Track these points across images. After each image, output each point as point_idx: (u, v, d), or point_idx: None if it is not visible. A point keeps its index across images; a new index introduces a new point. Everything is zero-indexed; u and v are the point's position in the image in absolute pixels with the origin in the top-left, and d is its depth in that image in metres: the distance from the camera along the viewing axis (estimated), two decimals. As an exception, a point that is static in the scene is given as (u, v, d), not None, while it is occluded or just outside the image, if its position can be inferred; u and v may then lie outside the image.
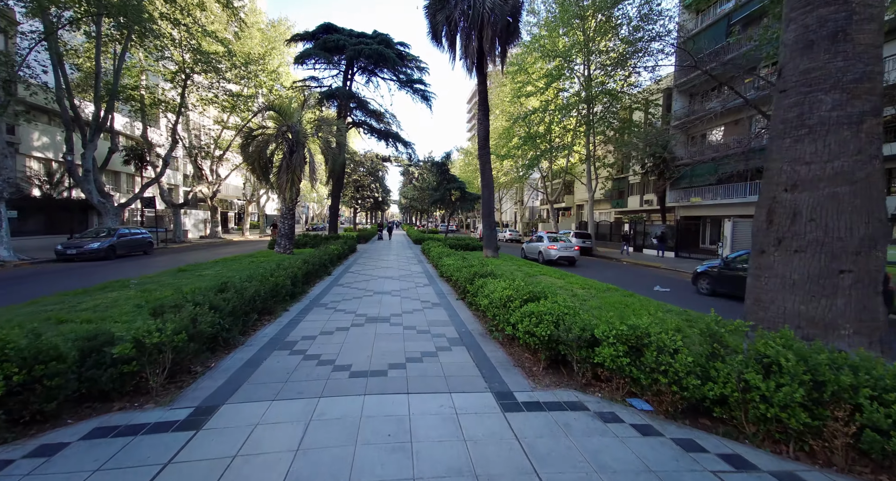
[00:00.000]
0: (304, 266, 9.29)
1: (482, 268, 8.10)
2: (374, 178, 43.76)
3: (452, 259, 11.11)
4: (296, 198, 14.90)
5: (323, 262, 11.14)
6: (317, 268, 10.46)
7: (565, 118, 26.60)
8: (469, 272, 8.11)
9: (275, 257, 13.87)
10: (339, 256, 14.07)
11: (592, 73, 23.84)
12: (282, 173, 14.17)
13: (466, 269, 8.63)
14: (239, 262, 12.75)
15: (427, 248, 17.00)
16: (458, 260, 10.89)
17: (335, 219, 27.45)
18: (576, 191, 42.73)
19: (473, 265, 9.16)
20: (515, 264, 14.48)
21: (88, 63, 20.60)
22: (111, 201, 20.37)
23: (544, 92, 25.19)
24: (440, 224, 65.14)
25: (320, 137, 14.62)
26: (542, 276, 11.39)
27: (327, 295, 8.70)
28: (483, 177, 16.00)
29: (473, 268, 8.48)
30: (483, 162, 15.87)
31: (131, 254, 17.88)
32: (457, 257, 11.46)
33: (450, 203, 29.50)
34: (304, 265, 9.33)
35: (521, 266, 13.83)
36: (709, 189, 25.19)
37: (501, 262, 14.41)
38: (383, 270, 12.77)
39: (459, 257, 11.44)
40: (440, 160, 29.84)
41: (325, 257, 11.50)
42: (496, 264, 13.33)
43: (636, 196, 32.39)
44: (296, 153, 14.13)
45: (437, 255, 13.09)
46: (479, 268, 8.19)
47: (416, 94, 24.76)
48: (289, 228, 14.91)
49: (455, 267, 9.50)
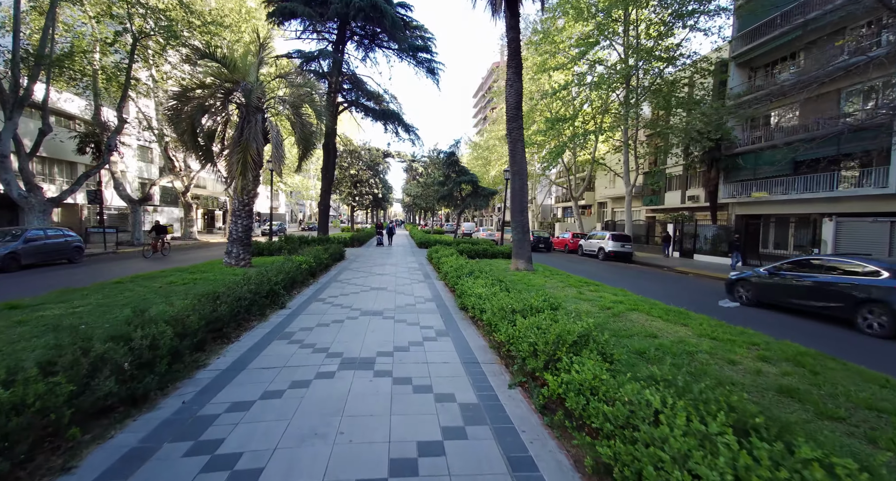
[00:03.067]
0: (229, 303, 5.07)
1: (567, 329, 3.71)
2: (374, 173, 39.45)
3: (480, 283, 6.80)
4: (253, 187, 10.64)
5: (280, 283, 6.91)
6: (262, 297, 6.22)
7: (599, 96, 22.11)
8: (536, 331, 3.82)
9: (218, 274, 9.62)
10: (311, 271, 9.79)
11: (636, 37, 19.33)
12: (231, 152, 9.90)
13: (521, 316, 4.37)
14: (138, 288, 8.46)
15: (436, 258, 12.68)
16: (490, 284, 6.61)
17: (326, 217, 23.21)
18: (596, 187, 38.23)
19: (530, 304, 4.87)
20: (570, 285, 10.10)
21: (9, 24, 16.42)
22: (38, 195, 16.21)
23: (576, 63, 20.74)
24: (445, 223, 60.71)
25: (286, 103, 10.31)
26: (635, 313, 6.98)
27: (256, 359, 4.43)
28: (513, 160, 11.65)
29: (542, 319, 4.17)
30: (513, 139, 11.51)
31: (50, 262, 13.71)
32: (487, 280, 7.13)
33: (460, 199, 25.14)
34: (226, 302, 5.09)
35: (579, 287, 9.43)
36: (779, 181, 20.63)
37: (545, 279, 10.06)
38: (372, 295, 8.48)
39: (490, 280, 7.11)
40: (448, 150, 25.48)
41: (281, 277, 7.24)
42: (547, 288, 8.99)
43: (675, 191, 27.85)
44: (250, 125, 9.85)
45: (454, 272, 8.79)
46: (560, 329, 3.85)
47: (421, 66, 20.41)
48: (243, 231, 10.63)
49: (498, 307, 5.19)
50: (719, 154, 22.77)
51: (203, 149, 9.97)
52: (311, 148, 11.09)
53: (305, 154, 11.17)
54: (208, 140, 10.33)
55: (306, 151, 11.09)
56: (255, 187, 10.84)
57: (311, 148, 11.16)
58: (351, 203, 39.48)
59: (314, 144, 11.28)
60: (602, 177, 36.14)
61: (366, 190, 38.48)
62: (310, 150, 11.17)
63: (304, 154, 11.15)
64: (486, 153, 39.97)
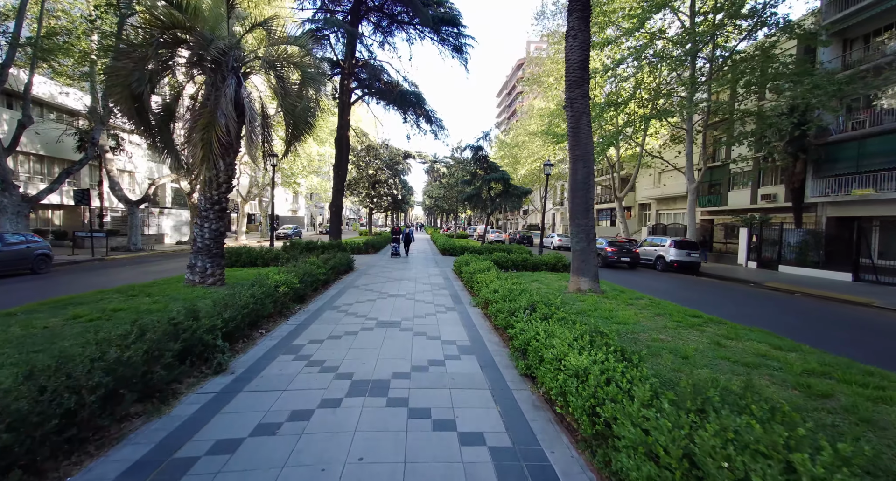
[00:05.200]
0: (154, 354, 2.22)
1: None
2: (393, 172, 36.80)
3: (559, 332, 3.69)
4: (225, 179, 7.92)
5: (218, 328, 4.09)
6: (160, 365, 3.38)
7: (657, 75, 18.55)
8: None
9: (162, 300, 6.92)
10: (297, 295, 6.96)
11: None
12: (192, 130, 7.22)
13: None
14: (13, 329, 5.81)
15: (466, 273, 9.64)
16: (587, 344, 3.50)
17: (338, 220, 20.60)
18: (638, 187, 34.15)
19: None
20: (678, 322, 6.81)
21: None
22: (11, 195, 14.23)
23: (632, 36, 17.31)
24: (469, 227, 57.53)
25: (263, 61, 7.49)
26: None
27: None
28: (575, 142, 8.49)
29: None
30: (576, 111, 8.34)
31: (7, 273, 11.51)
32: (571, 327, 3.99)
33: (488, 200, 22.02)
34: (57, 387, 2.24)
35: (694, 326, 6.09)
36: (891, 175, 16.49)
37: (634, 312, 6.79)
38: (377, 337, 5.55)
39: (577, 327, 3.98)
40: (475, 144, 22.43)
41: (223, 318, 4.39)
42: (647, 328, 5.76)
43: (743, 189, 23.75)
44: (218, 93, 7.15)
45: (501, 301, 5.72)
46: None
47: (446, 43, 17.52)
48: (211, 237, 7.87)
49: (663, 430, 2.02)
50: (807, 143, 18.74)
51: (153, 126, 7.33)
52: (302, 127, 8.29)
53: (295, 135, 8.37)
54: (166, 117, 7.71)
55: (296, 131, 8.30)
56: (229, 179, 8.13)
57: (304, 127, 8.37)
58: (369, 205, 36.97)
59: (308, 123, 8.48)
60: (644, 176, 32.17)
61: (384, 191, 35.85)
62: (301, 131, 8.38)
63: (293, 135, 8.35)
64: (515, 150, 36.68)
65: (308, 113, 8.52)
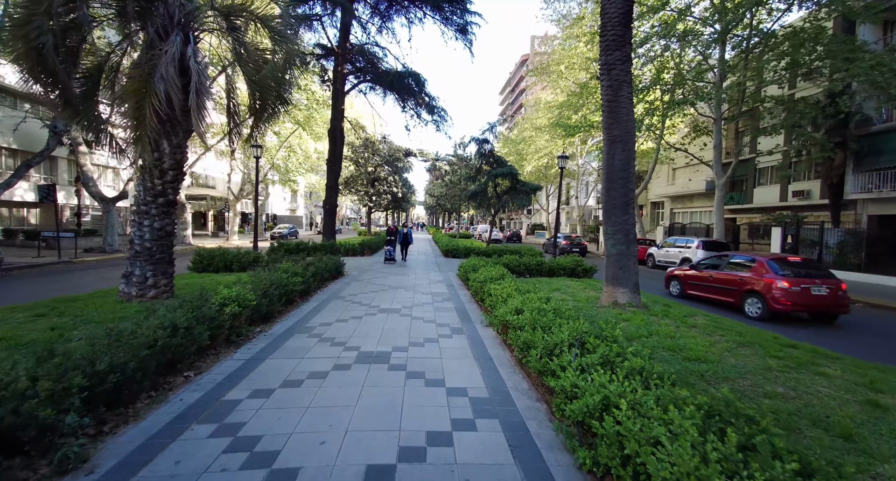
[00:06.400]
0: None
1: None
2: (393, 169, 35.08)
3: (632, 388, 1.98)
4: (172, 163, 6.25)
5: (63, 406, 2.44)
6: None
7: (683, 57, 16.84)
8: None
9: (70, 323, 5.28)
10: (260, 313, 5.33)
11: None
12: (123, 98, 5.56)
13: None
14: None
15: (475, 280, 7.93)
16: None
17: (332, 219, 18.95)
18: (650, 184, 32.34)
19: None
20: (769, 353, 5.10)
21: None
22: (-42, 189, 12.62)
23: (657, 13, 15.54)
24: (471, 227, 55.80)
25: (216, 11, 5.81)
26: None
27: None
28: (613, 118, 6.77)
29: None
30: (615, 80, 6.62)
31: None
32: (644, 381, 2.29)
33: (494, 197, 20.31)
34: None
35: (795, 362, 4.38)
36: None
37: (705, 340, 5.08)
38: (351, 385, 3.88)
39: (652, 372, 2.27)
40: (481, 136, 20.70)
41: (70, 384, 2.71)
42: (733, 365, 4.01)
43: (770, 186, 21.98)
44: (158, 51, 5.48)
45: (528, 330, 4.03)
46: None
47: (449, 24, 15.81)
48: (153, 238, 6.13)
49: None
50: (847, 134, 16.97)
51: (76, 97, 5.64)
52: (272, 101, 6.59)
53: (263, 109, 6.67)
54: (91, 85, 6.03)
55: (263, 104, 6.61)
56: (179, 165, 6.46)
57: (274, 101, 6.66)
58: (367, 203, 35.27)
59: (280, 97, 6.77)
60: (656, 173, 30.38)
61: (384, 189, 34.15)
62: (270, 105, 6.68)
63: (258, 110, 6.66)
64: (521, 146, 34.89)
65: (280, 84, 6.82)
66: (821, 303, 7.48)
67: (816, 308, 7.59)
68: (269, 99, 6.72)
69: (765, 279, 7.81)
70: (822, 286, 7.54)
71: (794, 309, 7.49)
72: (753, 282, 8.00)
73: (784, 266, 8.02)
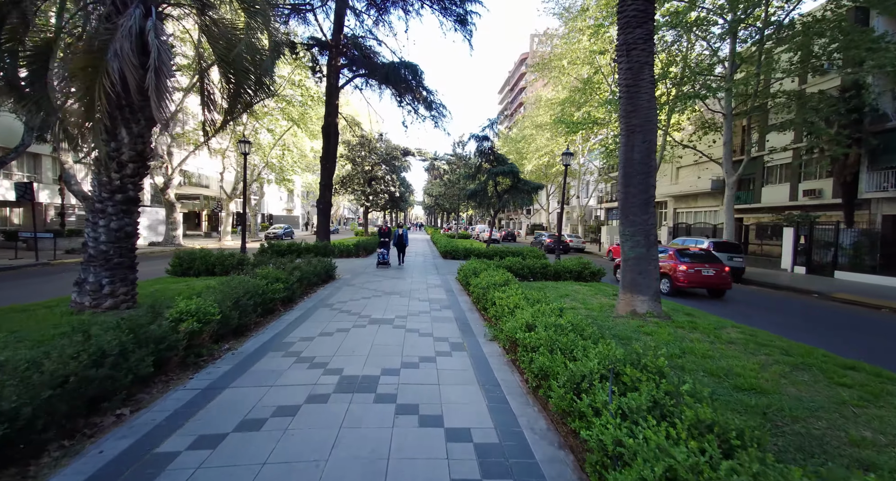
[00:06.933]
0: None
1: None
2: (391, 168, 34.30)
3: None
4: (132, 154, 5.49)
5: None
6: None
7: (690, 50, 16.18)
8: None
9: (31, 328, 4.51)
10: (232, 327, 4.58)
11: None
12: (73, 77, 4.80)
13: None
14: None
15: (476, 286, 7.18)
16: None
17: (326, 218, 18.25)
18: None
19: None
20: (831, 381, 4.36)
21: None
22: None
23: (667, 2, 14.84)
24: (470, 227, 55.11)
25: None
26: None
27: None
28: (631, 106, 6.04)
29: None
30: (635, 61, 5.88)
31: None
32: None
33: (495, 196, 19.60)
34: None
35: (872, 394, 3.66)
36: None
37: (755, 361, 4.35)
38: (330, 419, 3.15)
39: None
40: (480, 134, 19.96)
41: None
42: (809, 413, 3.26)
43: (780, 184, 21.29)
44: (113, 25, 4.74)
45: (546, 355, 3.29)
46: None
47: (448, 13, 15.07)
48: (110, 240, 5.36)
49: None
50: (862, 131, 16.31)
51: (19, 78, 4.87)
52: (245, 84, 5.84)
53: (237, 93, 5.92)
54: (40, 62, 5.26)
55: (238, 89, 5.87)
56: (141, 157, 5.69)
57: (248, 84, 5.90)
58: (364, 203, 34.51)
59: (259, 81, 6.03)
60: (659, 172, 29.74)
61: (381, 188, 33.37)
62: (247, 88, 5.93)
63: (233, 95, 5.90)
64: (521, 145, 34.18)
65: (259, 67, 6.06)
66: (709, 280, 10.49)
67: (707, 284, 10.57)
68: (246, 83, 5.95)
69: (671, 264, 10.67)
70: (711, 269, 10.48)
71: (691, 285, 10.47)
72: (665, 267, 10.59)
73: (685, 255, 10.92)
